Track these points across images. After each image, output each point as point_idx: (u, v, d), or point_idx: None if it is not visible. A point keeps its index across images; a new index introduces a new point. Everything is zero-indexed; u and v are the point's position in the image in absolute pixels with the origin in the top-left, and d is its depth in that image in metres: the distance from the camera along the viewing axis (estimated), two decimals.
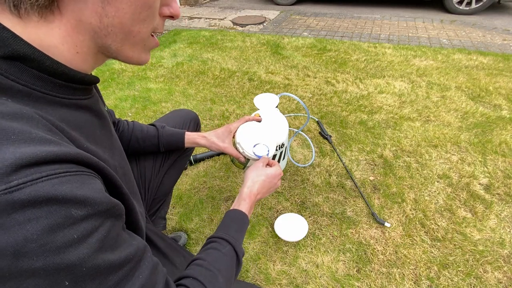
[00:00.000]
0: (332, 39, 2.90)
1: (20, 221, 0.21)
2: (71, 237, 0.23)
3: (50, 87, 0.30)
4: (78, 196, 0.24)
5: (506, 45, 2.66)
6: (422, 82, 2.05)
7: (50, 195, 0.22)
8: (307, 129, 1.61)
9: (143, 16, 0.33)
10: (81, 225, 0.24)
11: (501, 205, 1.14)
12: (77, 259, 0.24)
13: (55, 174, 0.24)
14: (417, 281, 0.92)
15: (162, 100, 1.92)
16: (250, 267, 0.97)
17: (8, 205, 0.21)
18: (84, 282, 0.25)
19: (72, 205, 0.24)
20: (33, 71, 0.29)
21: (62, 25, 0.29)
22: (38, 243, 0.22)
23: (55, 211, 0.23)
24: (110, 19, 0.30)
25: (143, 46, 0.36)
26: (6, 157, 0.21)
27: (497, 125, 1.59)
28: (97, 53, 0.34)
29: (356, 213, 1.14)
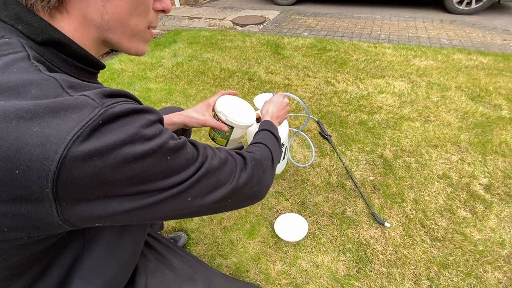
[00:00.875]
0: (332, 39, 2.90)
1: (121, 124, 0.29)
2: (155, 131, 0.32)
3: (73, 69, 0.36)
4: (148, 108, 0.33)
5: (506, 45, 2.66)
6: (422, 82, 2.05)
7: (132, 108, 0.31)
8: (307, 129, 1.61)
9: (138, 10, 0.37)
10: (157, 125, 0.33)
11: (501, 205, 1.14)
12: (163, 141, 0.32)
13: (125, 101, 0.31)
14: (417, 281, 0.92)
15: (162, 100, 1.92)
16: (250, 267, 0.97)
17: (111, 115, 0.28)
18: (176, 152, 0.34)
19: (147, 114, 0.32)
20: (61, 55, 0.34)
21: (70, 22, 0.34)
22: (138, 135, 0.30)
23: (139, 117, 0.31)
24: (110, 15, 0.35)
25: (141, 38, 0.41)
26: (97, 91, 0.30)
27: (497, 125, 1.59)
28: (100, 44, 0.38)
29: (356, 213, 1.14)
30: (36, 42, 0.32)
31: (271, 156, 0.57)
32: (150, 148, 0.31)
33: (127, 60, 2.49)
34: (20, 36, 0.31)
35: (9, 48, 0.30)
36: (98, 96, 0.29)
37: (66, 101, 0.27)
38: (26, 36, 0.32)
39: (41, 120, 0.26)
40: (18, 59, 0.29)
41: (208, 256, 1.01)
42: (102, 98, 0.29)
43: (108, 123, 0.28)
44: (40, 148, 0.25)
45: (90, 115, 0.27)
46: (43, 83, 0.28)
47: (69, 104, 0.27)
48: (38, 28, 0.32)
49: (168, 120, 0.78)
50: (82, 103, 0.27)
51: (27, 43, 0.31)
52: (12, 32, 0.31)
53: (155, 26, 0.42)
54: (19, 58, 0.29)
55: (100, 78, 2.32)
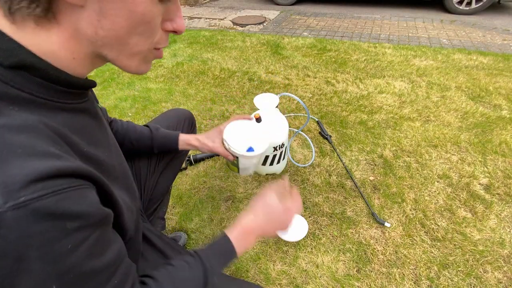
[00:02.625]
0: (332, 39, 2.90)
1: (24, 233, 0.23)
2: (65, 248, 0.26)
3: (52, 93, 0.32)
4: (75, 211, 0.27)
5: (506, 45, 2.66)
6: (422, 82, 2.05)
7: (51, 211, 0.25)
8: (307, 129, 1.61)
9: (140, 30, 0.32)
10: (74, 235, 0.27)
11: (501, 205, 1.14)
12: (68, 266, 0.27)
13: (59, 190, 0.26)
14: (417, 281, 0.92)
15: (162, 100, 1.92)
16: (250, 267, 0.97)
17: (14, 220, 0.22)
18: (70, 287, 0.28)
19: (68, 219, 0.26)
20: (36, 79, 0.30)
21: (59, 32, 0.30)
22: (38, 253, 0.24)
23: (54, 225, 0.25)
24: (105, 32, 0.31)
25: (143, 58, 0.36)
26: (14, 172, 0.23)
27: (497, 125, 1.59)
28: (94, 58, 0.34)
29: (356, 213, 1.14)
30: (3, 66, 0.28)
31: None
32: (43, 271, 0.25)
33: None
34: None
35: None
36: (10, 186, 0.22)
37: None
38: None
39: None
40: None
41: None
42: (14, 190, 0.22)
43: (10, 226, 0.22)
44: None
45: None
46: None
47: None
48: (6, 50, 0.27)
49: (185, 141, 0.79)
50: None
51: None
52: None
53: (164, 46, 0.37)
54: None
55: (100, 78, 2.32)
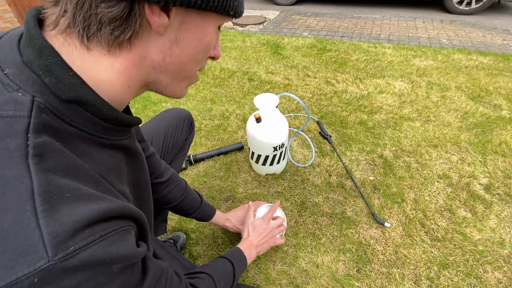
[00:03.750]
0: (332, 39, 2.90)
1: (73, 283, 0.23)
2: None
3: (99, 129, 0.32)
4: (121, 255, 0.27)
5: (506, 45, 2.66)
6: (422, 82, 2.05)
7: (100, 258, 0.25)
8: (307, 129, 1.61)
9: (200, 57, 0.36)
10: (119, 277, 0.27)
11: (501, 205, 1.14)
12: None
13: (105, 235, 0.26)
14: (417, 281, 0.92)
15: (162, 100, 1.92)
16: (250, 267, 0.97)
17: (63, 271, 0.22)
18: None
19: (114, 263, 0.26)
20: (87, 114, 0.30)
21: (125, 60, 0.30)
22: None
23: (102, 271, 0.25)
24: (172, 59, 0.33)
25: (188, 83, 0.39)
26: (64, 221, 0.23)
27: (497, 125, 1.59)
28: (143, 86, 0.35)
29: (356, 213, 1.14)
30: (60, 99, 0.28)
31: None
32: None
33: None
34: (42, 91, 0.27)
35: (12, 108, 0.25)
36: (60, 236, 0.22)
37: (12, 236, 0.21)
38: (51, 91, 0.27)
39: None
40: (11, 133, 0.24)
41: (208, 256, 1.01)
42: (64, 240, 0.22)
43: (48, 283, 0.21)
44: None
45: (27, 269, 0.21)
46: (10, 184, 0.22)
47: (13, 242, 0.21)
48: (66, 85, 0.28)
49: (219, 220, 0.90)
50: (29, 246, 0.21)
51: (45, 101, 0.27)
52: (34, 85, 0.27)
53: (202, 70, 0.41)
54: (13, 130, 0.24)
55: None
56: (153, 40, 0.30)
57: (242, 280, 0.93)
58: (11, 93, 0.25)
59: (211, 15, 0.32)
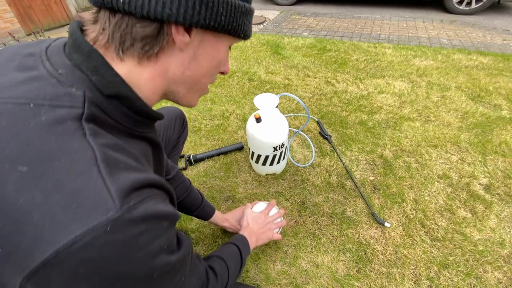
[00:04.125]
0: (332, 39, 2.90)
1: (136, 234, 0.27)
2: (163, 244, 0.31)
3: (131, 122, 0.37)
4: (167, 213, 0.32)
5: (506, 45, 2.66)
6: (422, 82, 2.05)
7: (153, 213, 0.29)
8: (307, 129, 1.61)
9: (213, 72, 0.41)
10: (167, 233, 0.32)
11: (501, 205, 1.14)
12: (165, 261, 0.32)
13: (152, 195, 0.30)
14: (417, 281, 0.92)
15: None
16: (250, 267, 0.97)
17: (129, 222, 0.26)
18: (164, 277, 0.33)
19: (163, 219, 0.31)
20: (123, 108, 0.35)
21: (152, 71, 0.35)
22: (144, 252, 0.28)
23: (156, 225, 0.30)
24: (190, 72, 0.38)
25: (200, 94, 0.44)
26: (124, 181, 0.28)
27: (497, 125, 1.59)
28: (163, 95, 0.40)
29: (356, 213, 1.14)
30: (104, 95, 0.33)
31: (226, 282, 0.60)
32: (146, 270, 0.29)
33: None
34: (90, 88, 0.32)
35: (69, 100, 0.30)
36: (123, 192, 0.27)
37: (85, 193, 0.25)
38: (96, 88, 0.32)
39: (48, 209, 0.24)
40: (69, 118, 0.29)
41: None
42: (126, 195, 0.27)
43: (117, 231, 0.26)
44: (31, 240, 0.24)
45: (100, 218, 0.25)
46: (77, 154, 0.27)
47: (86, 198, 0.25)
48: (110, 82, 0.33)
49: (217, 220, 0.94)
50: (99, 200, 0.26)
51: (92, 96, 0.32)
52: (84, 83, 0.32)
53: (213, 82, 0.45)
54: (71, 116, 0.29)
55: None
56: (175, 55, 0.35)
57: (242, 280, 0.93)
58: (66, 89, 0.30)
59: (225, 37, 0.38)
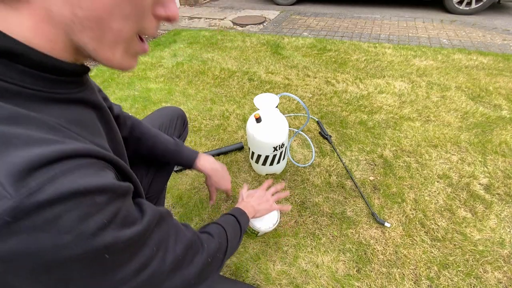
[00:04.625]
0: (332, 39, 2.90)
1: (51, 218, 0.22)
2: (101, 221, 0.25)
3: (39, 82, 0.28)
4: (99, 185, 0.26)
5: (506, 45, 2.66)
6: (422, 82, 2.05)
7: (73, 189, 0.23)
8: (307, 129, 1.61)
9: (126, 11, 0.28)
10: (107, 209, 0.26)
11: (501, 205, 1.14)
12: (111, 238, 0.26)
13: (72, 168, 0.24)
14: (417, 281, 0.92)
15: (162, 100, 1.92)
16: (250, 267, 0.97)
17: (35, 207, 0.21)
18: (122, 255, 0.28)
19: (94, 194, 0.25)
20: (18, 66, 0.26)
21: (30, 15, 0.25)
22: (73, 234, 0.23)
23: (81, 202, 0.24)
24: (84, 12, 0.26)
25: (125, 49, 0.31)
26: (15, 161, 0.21)
27: (497, 125, 1.59)
28: (75, 50, 0.30)
29: (356, 213, 1.14)
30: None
31: (225, 245, 0.54)
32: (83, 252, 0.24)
33: None
34: None
35: None
36: (16, 174, 0.21)
37: None
38: None
39: None
40: None
41: None
42: (21, 177, 0.21)
43: (23, 219, 0.21)
44: None
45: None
46: None
47: None
48: None
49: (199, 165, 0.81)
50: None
51: None
52: None
53: (150, 35, 0.32)
54: None
55: (100, 78, 2.32)
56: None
57: (242, 280, 0.93)
58: None
59: None
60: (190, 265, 0.41)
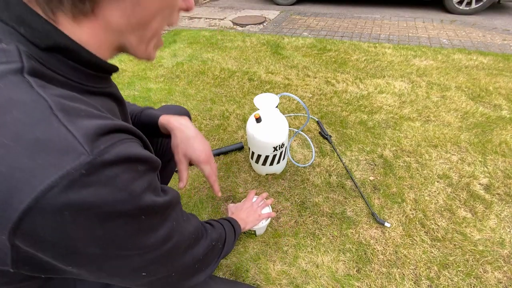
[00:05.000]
0: (332, 39, 2.90)
1: (111, 176, 0.26)
2: (143, 185, 0.30)
3: (83, 77, 0.33)
4: (142, 156, 0.30)
5: (506, 45, 2.66)
6: (422, 82, 2.05)
7: (127, 155, 0.28)
8: (307, 129, 1.61)
9: (165, 14, 0.35)
10: (145, 177, 0.30)
11: (501, 205, 1.14)
12: (150, 201, 0.31)
13: (123, 139, 0.29)
14: (417, 281, 0.92)
15: (162, 100, 1.92)
16: (250, 267, 0.97)
17: (102, 165, 0.25)
18: (155, 219, 0.33)
19: (138, 163, 0.30)
20: (69, 62, 0.31)
21: (92, 26, 0.31)
22: (127, 192, 0.27)
23: (131, 168, 0.28)
24: (137, 19, 0.33)
25: (156, 44, 0.39)
26: (88, 127, 0.26)
27: (497, 125, 1.59)
28: (114, 49, 0.36)
29: (356, 213, 1.14)
30: (40, 48, 0.28)
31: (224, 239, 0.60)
32: (131, 209, 0.28)
33: (127, 60, 2.49)
34: (21, 41, 0.28)
35: (3, 56, 0.26)
36: (90, 137, 0.25)
37: (49, 141, 0.23)
38: (29, 41, 0.28)
39: (14, 160, 0.23)
40: (10, 72, 0.25)
41: None
42: (93, 140, 0.25)
43: (93, 174, 0.25)
44: (6, 193, 0.22)
45: (73, 163, 0.23)
46: (29, 104, 0.24)
47: (51, 145, 0.23)
48: (42, 32, 0.28)
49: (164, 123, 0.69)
50: (67, 146, 0.24)
51: (27, 50, 0.27)
52: (13, 36, 0.27)
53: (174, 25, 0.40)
54: (11, 70, 0.26)
55: None
56: (115, 6, 0.30)
57: (242, 280, 0.93)
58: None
59: None
60: (198, 246, 0.46)
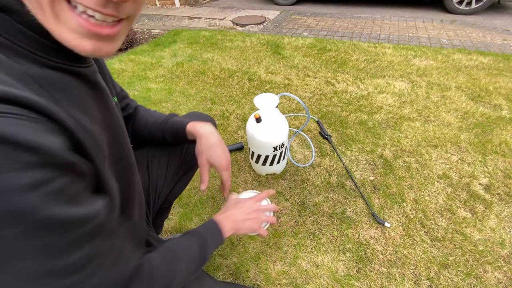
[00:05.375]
0: (332, 39, 2.90)
1: None
2: (20, 181, 0.21)
3: (35, 45, 0.27)
4: (29, 141, 0.22)
5: (506, 45, 2.66)
6: (422, 82, 2.05)
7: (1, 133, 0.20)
8: (307, 129, 1.61)
9: None
10: (31, 172, 0.22)
11: (501, 205, 1.14)
12: (27, 205, 0.22)
13: (8, 113, 0.21)
14: (417, 281, 0.92)
15: (162, 100, 1.92)
16: (250, 267, 0.97)
17: None
18: (36, 233, 0.23)
19: (21, 149, 0.21)
20: (18, 25, 0.26)
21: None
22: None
23: (7, 151, 0.21)
24: None
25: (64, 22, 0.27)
26: None
27: (497, 125, 1.59)
28: None
29: (356, 213, 1.14)
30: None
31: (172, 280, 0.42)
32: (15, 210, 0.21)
33: (127, 60, 2.49)
34: None
35: None
36: None
37: None
38: None
39: None
40: None
41: None
42: None
43: None
44: None
45: None
46: None
47: None
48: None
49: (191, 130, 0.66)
50: None
51: None
52: None
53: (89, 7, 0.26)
54: None
55: None
56: None
57: (242, 281, 0.93)
58: None
59: None
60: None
